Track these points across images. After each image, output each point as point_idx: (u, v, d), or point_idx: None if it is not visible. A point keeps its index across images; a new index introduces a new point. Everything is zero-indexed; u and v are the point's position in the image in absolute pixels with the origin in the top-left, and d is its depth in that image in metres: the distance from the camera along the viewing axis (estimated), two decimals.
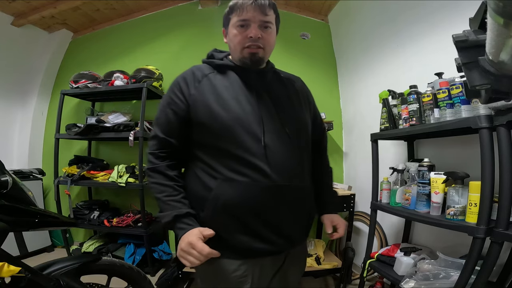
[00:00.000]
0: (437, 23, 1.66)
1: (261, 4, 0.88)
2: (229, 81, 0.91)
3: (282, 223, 0.89)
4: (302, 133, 0.94)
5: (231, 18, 0.92)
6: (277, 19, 0.98)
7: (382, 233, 2.17)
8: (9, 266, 0.85)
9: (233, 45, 0.93)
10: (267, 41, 0.92)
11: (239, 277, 0.87)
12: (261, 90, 0.92)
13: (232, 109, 0.86)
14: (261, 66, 0.96)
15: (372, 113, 2.17)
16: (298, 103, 0.99)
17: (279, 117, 0.90)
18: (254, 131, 0.84)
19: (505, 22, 0.39)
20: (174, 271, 2.18)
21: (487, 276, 1.05)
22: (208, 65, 0.97)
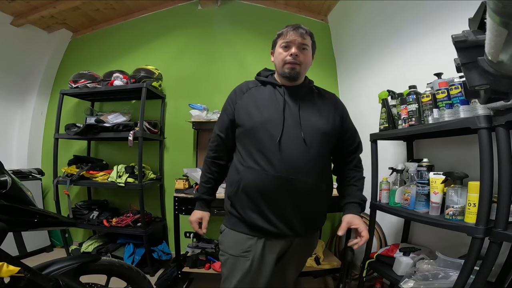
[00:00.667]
0: (437, 23, 1.67)
1: (301, 32, 1.12)
2: (267, 93, 1.16)
3: (285, 210, 1.07)
4: (317, 140, 1.10)
5: (278, 41, 1.17)
6: (313, 45, 1.19)
7: (382, 233, 2.17)
8: (8, 266, 0.85)
9: (277, 62, 1.17)
10: (303, 59, 1.14)
11: (244, 250, 1.09)
12: (292, 101, 1.13)
13: (261, 115, 1.10)
14: (298, 80, 1.18)
15: (371, 113, 2.17)
16: (323, 115, 1.15)
17: (300, 124, 1.09)
18: (273, 133, 1.07)
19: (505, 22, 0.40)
20: (173, 271, 2.18)
21: (486, 276, 1.05)
22: (255, 81, 1.23)
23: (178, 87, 3.01)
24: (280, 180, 1.05)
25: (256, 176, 1.07)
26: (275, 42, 1.19)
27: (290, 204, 1.07)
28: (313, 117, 1.13)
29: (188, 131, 2.89)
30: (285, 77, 1.15)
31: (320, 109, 1.16)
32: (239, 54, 3.00)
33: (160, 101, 2.99)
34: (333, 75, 3.02)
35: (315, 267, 2.16)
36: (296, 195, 1.07)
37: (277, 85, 1.17)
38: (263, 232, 1.09)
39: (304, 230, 1.15)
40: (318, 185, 1.11)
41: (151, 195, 2.90)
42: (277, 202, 1.07)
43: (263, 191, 1.06)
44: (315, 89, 1.24)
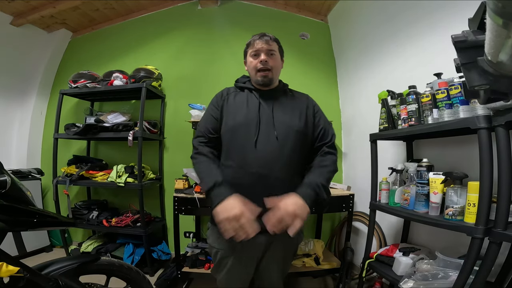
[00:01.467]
0: (436, 24, 1.67)
1: (266, 39, 1.22)
2: (244, 98, 1.25)
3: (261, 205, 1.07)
4: (290, 138, 1.17)
5: (247, 51, 1.27)
6: (280, 49, 1.29)
7: (381, 233, 2.17)
8: (8, 266, 0.85)
9: (250, 70, 1.26)
10: (273, 64, 1.23)
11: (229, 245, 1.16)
12: (266, 103, 1.22)
13: (239, 117, 1.19)
14: (272, 85, 1.27)
15: (371, 113, 2.17)
16: (296, 115, 1.23)
17: (273, 124, 1.17)
18: (249, 133, 1.15)
19: (504, 23, 0.40)
20: (173, 271, 2.18)
21: (486, 276, 1.06)
22: (234, 87, 1.33)
23: (178, 87, 3.01)
24: (255, 176, 1.11)
25: (234, 173, 1.14)
26: (246, 52, 1.29)
27: None
28: (286, 117, 1.20)
29: (188, 131, 2.88)
30: (259, 84, 1.24)
31: (293, 109, 1.24)
32: (238, 54, 2.95)
33: (159, 101, 2.99)
34: (333, 75, 3.02)
35: (314, 267, 2.16)
36: (272, 191, 1.10)
37: (253, 89, 1.26)
38: None
39: None
40: (292, 180, 1.16)
41: (151, 195, 2.90)
42: (255, 198, 1.07)
43: (240, 188, 1.10)
44: (288, 92, 1.33)
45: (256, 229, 1.00)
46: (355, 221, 2.48)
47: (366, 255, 1.76)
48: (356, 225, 2.51)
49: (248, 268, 1.23)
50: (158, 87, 2.83)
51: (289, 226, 0.99)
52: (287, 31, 3.03)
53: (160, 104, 2.99)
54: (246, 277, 1.25)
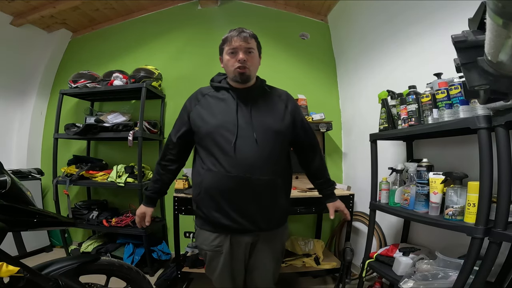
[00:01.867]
0: (437, 24, 1.67)
1: (244, 36, 1.16)
2: (221, 98, 1.22)
3: (245, 207, 1.15)
4: (269, 139, 1.16)
5: (224, 48, 1.21)
6: (258, 46, 1.25)
7: (381, 233, 2.17)
8: (8, 266, 0.85)
9: (227, 68, 1.22)
10: (251, 62, 1.19)
11: (216, 246, 1.20)
12: (244, 104, 1.19)
13: (216, 119, 1.16)
14: (250, 82, 1.22)
15: (371, 113, 2.17)
16: (274, 114, 1.22)
17: (252, 124, 1.16)
18: (228, 136, 1.13)
19: (504, 23, 0.40)
20: (173, 271, 2.18)
21: (486, 276, 1.06)
22: (210, 86, 1.29)
23: (178, 87, 3.01)
24: (237, 179, 1.11)
25: (215, 177, 1.14)
26: (222, 49, 1.24)
27: (250, 201, 1.14)
28: (264, 117, 1.19)
29: None
30: (236, 81, 1.20)
31: (272, 108, 1.23)
32: None
33: (159, 101, 2.99)
34: (333, 75, 3.02)
35: (314, 267, 2.16)
36: (254, 192, 1.13)
37: (230, 89, 1.23)
38: (228, 229, 1.18)
39: (267, 225, 1.21)
40: (274, 180, 1.18)
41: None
42: (237, 200, 1.14)
43: (223, 191, 1.14)
44: (267, 89, 1.29)
45: (139, 223, 1.43)
46: (355, 221, 2.48)
47: (366, 255, 1.76)
48: (356, 225, 2.51)
49: (237, 266, 1.25)
50: (158, 87, 2.83)
51: None
52: (287, 31, 3.03)
53: (160, 104, 2.99)
54: (238, 275, 1.27)
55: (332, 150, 2.89)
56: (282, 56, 3.00)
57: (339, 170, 2.92)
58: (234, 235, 1.19)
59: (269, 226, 1.22)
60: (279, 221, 1.27)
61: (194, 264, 2.15)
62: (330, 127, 2.59)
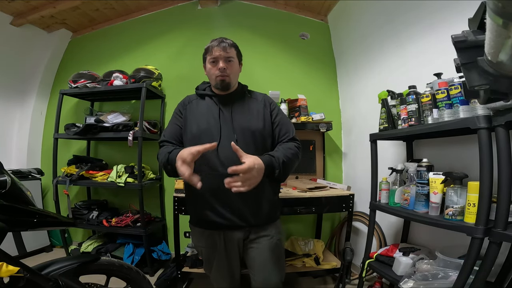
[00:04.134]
0: (437, 24, 1.67)
1: (224, 45, 1.25)
2: (205, 105, 1.31)
3: (233, 203, 1.19)
4: (249, 139, 1.23)
5: (206, 57, 1.30)
6: (238, 54, 1.33)
7: (381, 233, 2.17)
8: (8, 266, 0.85)
9: (209, 76, 1.31)
10: (231, 70, 1.27)
11: (210, 242, 1.26)
12: (225, 108, 1.28)
13: (201, 124, 1.25)
14: (231, 89, 1.31)
15: (371, 113, 2.18)
16: (253, 116, 1.28)
17: (232, 126, 1.24)
18: (212, 139, 1.18)
19: (504, 23, 0.40)
20: (173, 271, 2.18)
21: (486, 276, 1.06)
22: (195, 94, 1.39)
23: (178, 87, 3.01)
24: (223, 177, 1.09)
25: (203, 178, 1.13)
26: (204, 58, 1.32)
27: (237, 198, 1.16)
28: (244, 119, 1.26)
29: None
30: (218, 88, 1.29)
31: (251, 110, 1.30)
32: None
33: (159, 101, 2.99)
34: (333, 75, 3.02)
35: (314, 267, 2.16)
36: None
37: (213, 95, 1.32)
38: (219, 226, 1.22)
39: (256, 220, 1.24)
40: None
41: (151, 195, 2.89)
42: (225, 197, 1.18)
43: (211, 190, 1.19)
44: (247, 94, 1.37)
45: (185, 171, 1.03)
46: (355, 221, 2.48)
47: (366, 255, 1.76)
48: (356, 225, 2.51)
49: (232, 262, 1.29)
50: (158, 87, 2.83)
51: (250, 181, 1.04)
52: (287, 31, 3.03)
53: (160, 104, 2.99)
54: (234, 271, 1.31)
55: (332, 150, 2.89)
56: (282, 56, 3.00)
57: (339, 170, 2.92)
58: (226, 231, 1.24)
59: (258, 221, 1.25)
60: (269, 216, 1.28)
61: (194, 264, 2.15)
62: (330, 127, 2.59)
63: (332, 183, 2.40)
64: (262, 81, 2.88)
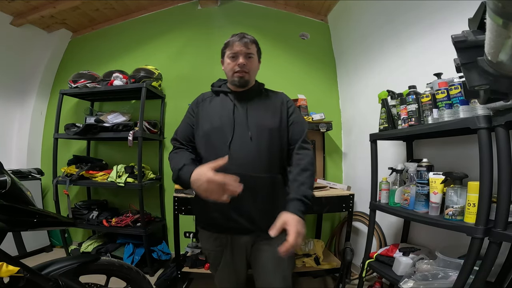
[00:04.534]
0: (437, 24, 1.67)
1: (245, 41, 1.21)
2: (219, 102, 1.27)
3: (243, 206, 1.13)
4: (264, 137, 1.17)
5: (225, 52, 1.26)
6: (258, 51, 1.29)
7: (381, 233, 2.17)
8: (8, 266, 0.85)
9: (227, 71, 1.26)
10: (250, 67, 1.23)
11: (217, 246, 1.22)
12: (240, 105, 1.24)
13: (213, 122, 1.20)
14: (248, 86, 1.27)
15: (371, 113, 2.17)
16: (269, 113, 1.23)
17: (247, 124, 1.19)
18: (224, 136, 1.16)
19: (504, 23, 0.40)
20: (173, 271, 2.18)
21: (486, 276, 1.06)
22: (211, 91, 1.34)
23: (178, 87, 3.01)
24: None
25: None
26: (223, 52, 1.28)
27: (247, 199, 1.12)
28: (259, 116, 1.21)
29: None
30: (235, 85, 1.24)
31: (267, 107, 1.25)
32: None
33: (159, 101, 2.99)
34: (333, 75, 3.02)
35: (314, 267, 2.16)
36: (251, 190, 1.10)
37: (228, 92, 1.27)
38: (227, 229, 1.18)
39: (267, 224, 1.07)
40: (271, 178, 1.17)
41: (151, 195, 2.89)
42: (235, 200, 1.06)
43: None
44: (264, 91, 1.33)
45: (237, 186, 0.95)
46: (355, 221, 2.48)
47: (366, 255, 1.76)
48: (356, 225, 2.51)
49: (239, 266, 1.25)
50: (158, 87, 2.83)
51: None
52: (287, 31, 3.03)
53: (160, 104, 2.99)
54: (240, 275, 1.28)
55: (332, 150, 2.89)
56: (282, 56, 3.00)
57: (339, 170, 2.91)
58: (234, 235, 1.20)
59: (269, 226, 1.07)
60: None
61: (194, 264, 2.15)
62: (330, 127, 2.59)
63: (332, 183, 2.40)
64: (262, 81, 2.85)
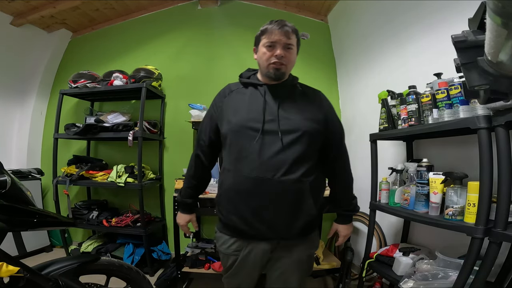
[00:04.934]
0: (437, 24, 1.67)
1: (286, 30, 1.07)
2: (247, 95, 1.15)
3: (264, 211, 1.05)
4: (295, 139, 1.06)
5: (261, 40, 1.12)
6: (298, 42, 1.15)
7: (381, 233, 2.17)
8: (8, 266, 0.85)
9: (261, 61, 1.13)
10: (289, 59, 1.11)
11: (233, 250, 1.13)
12: (272, 101, 1.11)
13: (240, 117, 1.09)
14: (283, 79, 1.15)
15: (371, 113, 2.17)
16: (304, 114, 1.11)
17: (278, 123, 1.07)
18: (251, 134, 1.06)
19: (504, 23, 0.40)
20: (173, 271, 2.18)
21: (486, 276, 1.05)
22: (238, 82, 1.22)
23: (178, 87, 3.01)
24: (257, 181, 1.03)
25: (234, 178, 1.08)
26: (258, 39, 1.14)
27: (269, 205, 1.05)
28: (292, 116, 1.09)
29: (188, 131, 2.88)
30: (269, 77, 1.12)
31: (301, 107, 1.13)
32: (239, 54, 3.00)
33: (159, 101, 2.99)
34: (332, 75, 3.02)
35: (314, 267, 2.16)
36: (274, 195, 1.04)
37: (258, 85, 1.15)
38: (245, 235, 1.09)
39: (288, 233, 1.09)
40: (299, 183, 1.06)
41: (151, 195, 2.89)
42: (256, 203, 1.05)
43: (241, 193, 1.06)
44: (299, 87, 1.20)
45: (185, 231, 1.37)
46: (355, 221, 2.48)
47: (366, 255, 1.76)
48: (356, 225, 2.51)
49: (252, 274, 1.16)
50: (158, 87, 2.83)
51: None
52: None
53: (160, 104, 2.99)
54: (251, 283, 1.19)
55: None
56: None
57: None
58: (252, 241, 1.10)
59: (290, 235, 1.09)
60: (304, 230, 1.11)
61: (194, 264, 2.15)
62: None
63: None
64: None
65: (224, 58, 3.00)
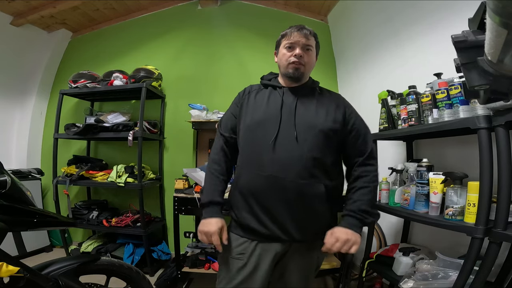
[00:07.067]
0: (437, 24, 1.67)
1: (305, 32, 1.12)
2: (266, 95, 1.17)
3: (277, 212, 1.05)
4: (312, 138, 1.06)
5: (281, 42, 1.17)
6: (317, 45, 1.20)
7: (381, 233, 2.17)
8: (8, 266, 0.85)
9: (281, 63, 1.16)
10: (308, 60, 1.14)
11: (238, 253, 1.10)
12: (289, 100, 1.13)
13: (257, 116, 1.11)
14: (302, 81, 1.17)
15: (371, 113, 2.17)
16: (321, 113, 1.11)
17: (294, 122, 1.08)
18: (267, 133, 1.07)
19: (504, 23, 0.39)
20: (173, 271, 2.18)
21: (486, 276, 1.05)
22: (260, 84, 1.25)
23: (178, 87, 3.01)
24: (270, 180, 1.03)
25: (248, 176, 1.09)
26: (279, 43, 1.19)
27: (282, 205, 1.04)
28: (309, 115, 1.10)
29: (188, 131, 2.89)
30: (289, 77, 1.14)
31: (319, 107, 1.12)
32: (239, 54, 3.00)
33: (159, 101, 2.99)
34: (332, 75, 3.02)
35: None
36: (288, 196, 1.03)
37: (277, 87, 1.17)
38: (257, 234, 1.08)
39: (301, 235, 1.07)
40: (313, 185, 1.04)
41: (151, 195, 2.90)
42: (269, 203, 1.05)
43: (254, 192, 1.06)
44: (317, 90, 1.20)
45: (217, 244, 1.06)
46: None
47: (366, 255, 1.76)
48: None
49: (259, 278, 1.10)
50: (158, 87, 2.83)
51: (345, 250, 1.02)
52: None
53: (160, 104, 2.99)
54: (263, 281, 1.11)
55: None
56: None
57: None
58: (263, 242, 1.08)
59: (303, 237, 1.08)
60: (318, 233, 1.08)
61: (194, 264, 2.15)
62: None
63: None
64: None
65: (224, 58, 3.00)
